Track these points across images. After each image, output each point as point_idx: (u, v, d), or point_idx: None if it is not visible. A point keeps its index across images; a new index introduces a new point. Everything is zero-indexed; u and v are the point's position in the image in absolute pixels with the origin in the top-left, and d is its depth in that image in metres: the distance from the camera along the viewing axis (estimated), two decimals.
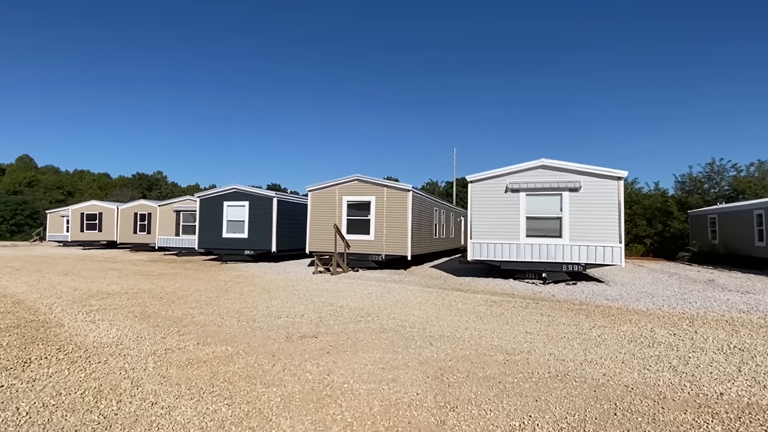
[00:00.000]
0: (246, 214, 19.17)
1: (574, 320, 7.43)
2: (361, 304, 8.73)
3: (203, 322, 7.00)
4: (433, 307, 8.50)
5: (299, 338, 5.99)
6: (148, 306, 8.41)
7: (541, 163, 12.73)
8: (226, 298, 9.44)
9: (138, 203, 29.06)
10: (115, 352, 5.26)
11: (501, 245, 13.00)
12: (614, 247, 12.11)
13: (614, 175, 12.18)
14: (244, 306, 8.43)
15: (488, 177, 13.23)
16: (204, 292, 10.18)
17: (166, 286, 11.21)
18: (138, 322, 6.96)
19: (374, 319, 7.28)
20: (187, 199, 24.48)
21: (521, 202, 12.88)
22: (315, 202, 17.13)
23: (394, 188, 15.95)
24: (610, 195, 12.22)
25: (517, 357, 5.20)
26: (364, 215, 16.35)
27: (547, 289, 11.43)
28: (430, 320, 7.27)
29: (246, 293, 10.10)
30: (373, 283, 12.12)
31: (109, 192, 61.25)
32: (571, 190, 12.51)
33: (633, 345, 5.85)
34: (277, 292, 10.26)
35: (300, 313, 7.80)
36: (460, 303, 9.05)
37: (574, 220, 12.44)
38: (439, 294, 10.30)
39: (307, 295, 9.85)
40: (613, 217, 12.16)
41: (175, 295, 9.71)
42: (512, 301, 9.35)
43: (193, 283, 11.88)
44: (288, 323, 6.93)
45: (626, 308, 8.72)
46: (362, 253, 16.17)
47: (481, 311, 8.16)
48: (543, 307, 8.72)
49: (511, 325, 7.00)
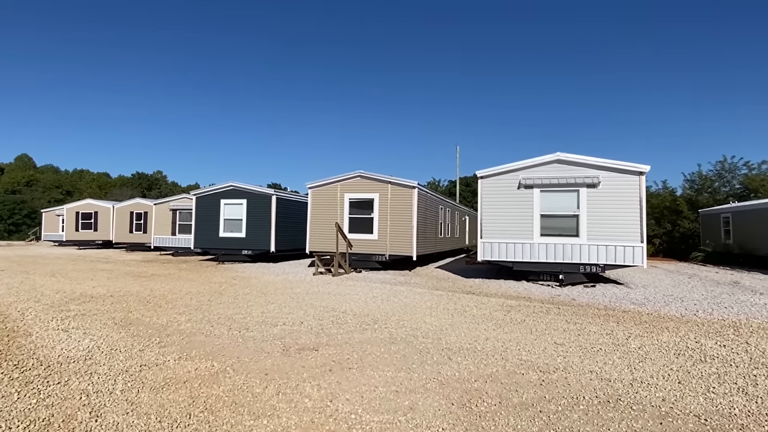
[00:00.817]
0: (244, 213, 18.39)
1: (605, 328, 6.64)
2: (365, 310, 7.94)
3: (190, 330, 6.22)
4: (446, 313, 7.72)
5: (297, 351, 5.21)
6: (132, 311, 7.63)
7: (557, 157, 11.94)
8: (219, 302, 8.66)
9: (134, 202, 28.28)
10: (81, 369, 4.48)
11: (513, 245, 12.21)
12: (635, 247, 11.31)
13: (635, 169, 11.38)
14: (238, 311, 7.65)
15: (500, 172, 12.44)
16: (195, 296, 9.40)
17: (156, 289, 10.43)
18: (116, 330, 6.19)
19: (382, 327, 6.50)
20: (183, 198, 23.70)
21: (535, 198, 12.08)
22: (315, 199, 16.34)
23: (398, 185, 15.16)
24: (631, 191, 11.42)
25: (554, 376, 4.41)
26: (367, 213, 15.57)
27: (565, 291, 10.64)
28: (444, 328, 6.49)
29: (241, 296, 9.33)
30: (377, 286, 11.34)
31: (109, 191, 60.58)
32: (588, 185, 11.71)
33: (683, 360, 5.06)
34: (274, 296, 9.48)
35: (299, 319, 7.02)
36: (475, 308, 8.27)
37: (593, 217, 11.64)
38: (450, 297, 9.51)
39: (306, 299, 9.07)
40: (634, 214, 11.37)
41: (163, 299, 8.94)
42: (530, 306, 8.57)
43: (185, 286, 11.10)
44: (285, 332, 6.15)
45: (658, 314, 7.92)
46: (365, 253, 15.39)
47: (498, 318, 7.38)
48: (566, 312, 7.93)
49: (536, 334, 6.21)
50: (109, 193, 58.03)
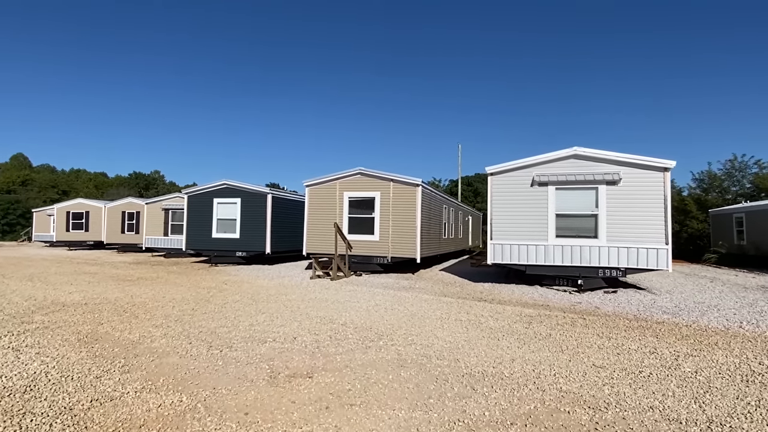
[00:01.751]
0: (238, 212, 17.46)
1: (646, 344, 5.74)
2: (368, 321, 7.04)
3: (163, 349, 5.31)
4: (459, 325, 6.81)
5: (287, 378, 4.30)
6: (104, 323, 6.72)
7: (574, 151, 11.04)
8: (204, 311, 7.75)
9: (126, 201, 27.32)
10: (13, 407, 3.57)
11: (526, 247, 11.31)
12: (659, 249, 10.42)
13: (660, 165, 10.49)
14: (223, 323, 6.73)
15: (511, 168, 11.54)
16: (179, 303, 8.49)
17: (138, 295, 9.52)
18: (77, 349, 5.27)
19: (387, 344, 5.60)
20: (176, 197, 22.77)
21: (550, 197, 11.18)
22: (313, 198, 15.43)
23: (401, 182, 14.25)
24: (655, 188, 10.53)
25: (608, 415, 3.51)
26: (367, 213, 14.66)
27: (585, 298, 9.74)
28: (460, 346, 5.58)
29: (229, 304, 8.42)
30: (379, 291, 10.43)
31: (106, 191, 59.68)
32: (608, 183, 10.82)
33: (755, 389, 4.17)
34: (266, 304, 8.57)
35: (291, 334, 6.11)
36: (490, 318, 7.36)
37: (613, 217, 10.75)
38: (461, 306, 8.61)
39: (302, 308, 8.16)
40: (658, 213, 10.48)
41: (142, 308, 8.02)
42: (552, 316, 7.67)
43: (170, 291, 10.19)
44: (274, 351, 5.25)
45: (698, 326, 7.03)
46: (365, 255, 14.48)
47: (520, 331, 6.48)
48: (594, 324, 7.03)
49: (569, 353, 5.32)
50: (106, 193, 57.11)
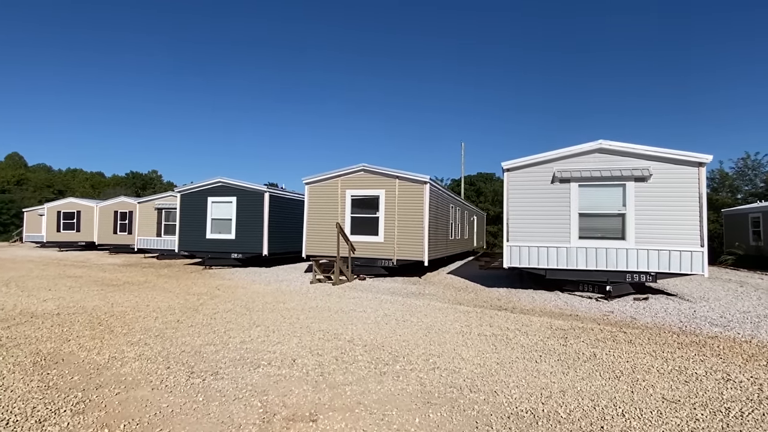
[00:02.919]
0: (233, 212, 16.50)
1: (712, 368, 4.80)
2: (378, 336, 6.09)
3: (133, 377, 4.35)
4: (484, 342, 5.87)
5: (285, 422, 3.34)
6: (71, 339, 5.76)
7: (599, 145, 10.10)
8: (190, 323, 6.79)
9: (118, 200, 26.30)
10: None
11: (546, 249, 10.37)
12: (694, 252, 9.50)
13: (694, 159, 9.56)
14: (210, 340, 5.78)
15: (530, 164, 10.59)
16: (164, 313, 7.53)
17: (120, 303, 8.55)
18: (29, 376, 4.31)
19: (406, 369, 4.65)
20: (169, 196, 21.77)
21: (573, 194, 10.24)
22: (313, 197, 14.47)
23: (407, 180, 13.30)
24: (689, 185, 9.60)
25: None
26: (371, 212, 13.71)
27: (617, 307, 8.80)
28: (493, 371, 4.64)
29: (220, 315, 7.46)
30: (387, 298, 9.49)
31: (102, 191, 58.64)
32: (637, 179, 9.88)
33: None
34: (261, 314, 7.61)
35: (290, 355, 5.16)
36: (518, 332, 6.42)
37: (642, 217, 9.81)
38: (480, 316, 7.66)
39: (301, 319, 7.21)
40: (692, 213, 9.55)
41: (121, 319, 7.06)
42: (587, 329, 6.73)
43: (157, 298, 9.23)
44: (269, 380, 4.29)
45: (759, 342, 6.09)
46: (369, 258, 13.53)
47: (557, 350, 5.53)
48: (639, 339, 6.09)
49: (627, 381, 4.37)
50: (103, 193, 56.06)
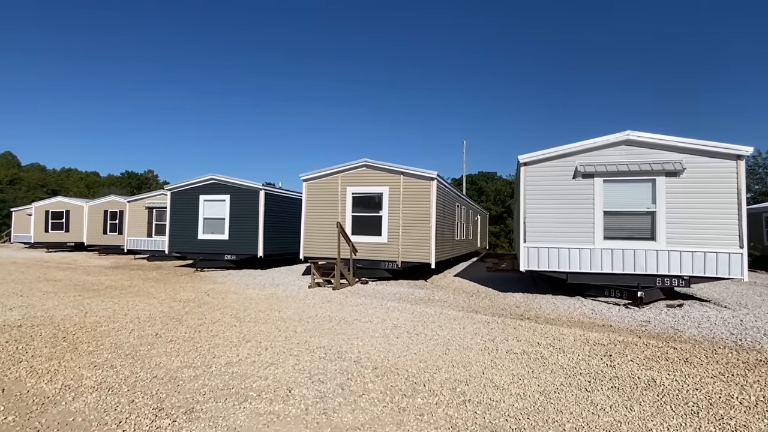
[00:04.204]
0: (227, 211, 15.54)
1: None
2: (390, 355, 5.16)
3: (83, 417, 3.41)
4: (516, 362, 4.95)
5: None
6: (24, 360, 4.82)
7: (626, 136, 9.20)
8: (170, 338, 5.85)
9: (108, 199, 25.28)
10: None
11: (568, 251, 9.47)
12: (732, 254, 8.62)
13: (731, 151, 8.67)
14: (190, 360, 4.84)
15: (550, 157, 9.68)
16: (142, 325, 6.58)
17: (95, 312, 7.60)
18: None
19: (430, 404, 3.73)
20: (160, 194, 20.77)
21: (597, 190, 9.35)
22: (312, 194, 13.54)
23: (413, 176, 12.38)
24: (726, 180, 8.72)
25: None
26: (374, 211, 12.79)
27: (652, 315, 7.89)
28: (539, 405, 3.72)
29: (206, 327, 6.52)
30: (394, 305, 8.56)
31: (97, 191, 57.54)
32: (668, 173, 8.99)
33: None
34: (253, 325, 6.67)
35: (285, 382, 4.22)
36: (552, 349, 5.50)
37: (674, 215, 8.93)
38: (503, 328, 6.75)
39: (299, 331, 6.28)
40: (730, 210, 8.67)
41: (91, 332, 6.11)
42: (629, 344, 5.82)
43: (138, 305, 8.28)
44: (257, 422, 3.36)
45: None
46: (372, 260, 12.62)
47: (605, 373, 4.62)
48: (696, 358, 5.18)
49: (710, 420, 3.46)
50: (98, 193, 54.98)
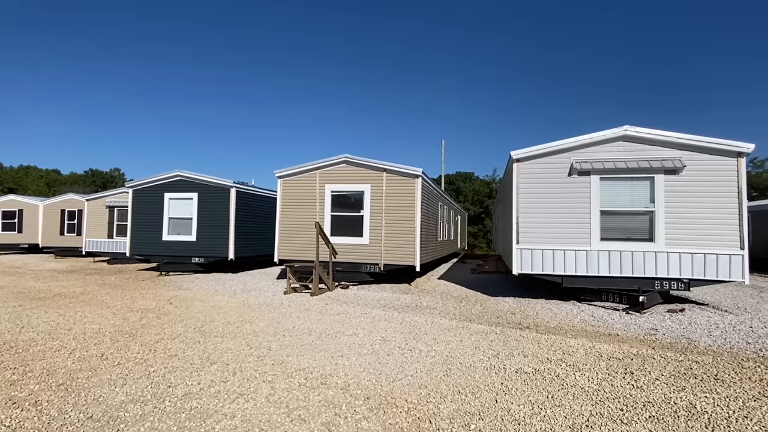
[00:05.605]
0: (194, 210, 14.41)
1: None
2: (382, 378, 4.38)
3: None
4: (530, 384, 4.25)
5: None
6: None
7: (624, 131, 8.71)
8: (118, 360, 4.89)
9: (65, 198, 23.53)
10: None
11: (563, 253, 8.91)
12: (732, 255, 8.24)
13: (732, 148, 8.30)
14: (138, 392, 3.92)
15: (544, 153, 9.11)
16: (87, 343, 5.57)
17: (33, 326, 6.52)
18: None
19: None
20: (122, 192, 19.33)
21: (593, 188, 8.83)
22: (287, 192, 12.61)
23: (397, 173, 11.63)
24: (726, 178, 8.35)
25: None
26: (355, 211, 11.98)
27: (657, 322, 7.37)
28: None
29: (164, 344, 5.57)
30: (379, 314, 7.78)
31: (59, 189, 54.40)
32: (667, 171, 8.55)
33: None
34: (220, 341, 5.76)
35: (257, 422, 3.37)
36: (567, 367, 4.84)
37: (673, 215, 8.49)
38: (504, 339, 6.06)
39: (273, 348, 5.41)
40: (730, 210, 8.30)
41: (22, 354, 5.08)
42: (645, 357, 5.22)
43: (87, 317, 7.21)
44: None
45: None
46: (352, 263, 11.80)
47: (636, 398, 3.97)
48: (728, 374, 4.61)
49: None
50: (59, 192, 51.98)
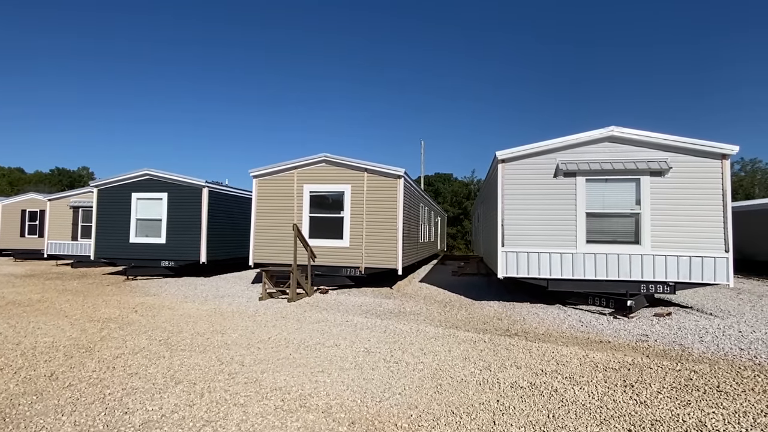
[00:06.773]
0: (164, 211, 13.68)
1: None
2: (367, 397, 3.98)
3: None
4: (527, 402, 3.93)
5: None
6: None
7: (610, 132, 8.57)
8: (70, 380, 4.34)
9: (26, 197, 22.23)
10: None
11: (549, 256, 8.70)
12: (717, 258, 8.18)
13: (717, 150, 8.25)
14: (91, 421, 3.39)
15: (530, 153, 8.88)
16: (36, 360, 4.98)
17: None
18: None
19: None
20: (87, 192, 18.31)
21: (579, 190, 8.65)
22: (263, 193, 12.06)
23: (378, 173, 11.24)
24: (711, 180, 8.29)
25: None
26: (335, 212, 11.54)
27: (646, 327, 7.20)
28: None
29: (124, 358, 5.03)
30: (361, 321, 7.37)
31: (22, 189, 51.78)
32: (653, 172, 8.44)
33: None
34: (188, 356, 5.25)
35: None
36: (564, 380, 4.55)
37: (659, 217, 8.38)
38: (493, 349, 5.75)
39: (247, 364, 4.94)
40: (715, 212, 8.24)
41: None
42: (642, 367, 4.98)
43: (41, 328, 6.56)
44: None
45: None
46: (332, 266, 11.36)
47: (642, 415, 3.69)
48: (729, 385, 4.40)
49: None
50: (22, 192, 49.47)
